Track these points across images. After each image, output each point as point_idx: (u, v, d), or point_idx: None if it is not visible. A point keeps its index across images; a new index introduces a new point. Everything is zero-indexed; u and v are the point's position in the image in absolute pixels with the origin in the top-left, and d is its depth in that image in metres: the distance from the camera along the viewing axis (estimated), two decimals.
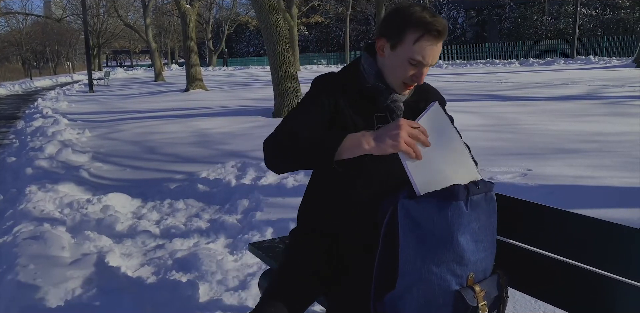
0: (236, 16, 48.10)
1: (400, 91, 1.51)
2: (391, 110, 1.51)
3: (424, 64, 1.44)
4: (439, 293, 1.25)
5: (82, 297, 2.56)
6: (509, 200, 1.58)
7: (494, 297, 1.34)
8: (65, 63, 60.57)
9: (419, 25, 1.40)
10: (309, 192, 1.67)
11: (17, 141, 8.55)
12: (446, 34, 1.43)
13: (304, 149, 1.34)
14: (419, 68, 1.45)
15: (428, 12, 1.42)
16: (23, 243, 3.20)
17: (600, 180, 4.13)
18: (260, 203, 4.04)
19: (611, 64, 20.91)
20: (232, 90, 17.67)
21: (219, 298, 2.65)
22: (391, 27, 1.45)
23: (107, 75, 27.57)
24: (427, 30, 1.40)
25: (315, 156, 1.32)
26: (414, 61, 1.43)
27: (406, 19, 1.41)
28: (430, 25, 1.39)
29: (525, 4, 34.54)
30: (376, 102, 1.52)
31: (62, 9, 49.26)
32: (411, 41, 1.42)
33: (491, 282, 1.34)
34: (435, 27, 1.40)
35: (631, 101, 9.05)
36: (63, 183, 4.96)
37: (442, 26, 1.41)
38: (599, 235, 1.35)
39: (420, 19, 1.40)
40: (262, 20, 8.90)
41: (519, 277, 1.54)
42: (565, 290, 1.42)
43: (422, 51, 1.42)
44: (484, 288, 1.29)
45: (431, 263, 1.24)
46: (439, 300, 1.25)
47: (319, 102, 1.50)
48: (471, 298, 1.25)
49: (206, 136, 7.80)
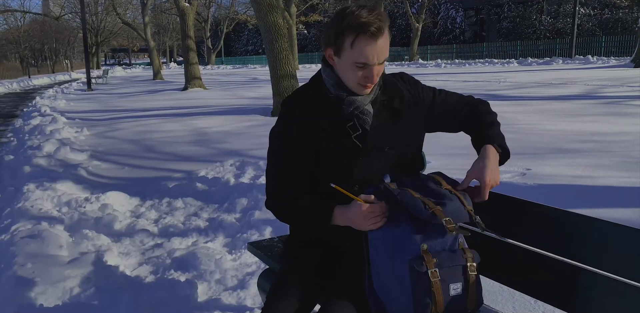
0: (235, 15, 48.04)
1: (362, 92, 1.51)
2: (357, 117, 1.52)
3: (371, 64, 1.42)
4: (397, 264, 1.36)
5: (80, 296, 2.56)
6: (508, 199, 1.58)
7: (453, 266, 1.36)
8: (64, 61, 60.49)
9: (351, 28, 1.38)
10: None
11: (15, 140, 8.53)
12: (384, 29, 1.39)
13: (302, 225, 1.62)
14: (368, 69, 1.43)
15: (365, 11, 1.38)
16: (21, 241, 3.19)
17: (598, 180, 4.14)
18: (259, 202, 4.03)
19: (609, 63, 20.93)
20: (231, 88, 17.66)
21: (217, 297, 2.65)
22: (330, 34, 1.44)
23: (105, 73, 27.56)
24: (360, 31, 1.37)
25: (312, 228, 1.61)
26: (359, 63, 1.42)
27: (340, 24, 1.40)
28: (363, 25, 1.36)
29: (524, 4, 34.54)
30: (343, 111, 1.52)
31: (61, 7, 49.14)
32: (349, 44, 1.40)
33: (450, 254, 1.37)
34: (367, 27, 1.36)
35: (630, 100, 9.06)
36: (61, 181, 4.95)
37: (376, 24, 1.36)
38: (598, 234, 1.34)
39: (352, 21, 1.37)
40: (261, 19, 8.89)
41: (517, 276, 1.54)
42: (564, 290, 1.42)
43: (362, 52, 1.39)
44: (437, 257, 1.34)
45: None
46: (397, 271, 1.36)
47: (290, 144, 1.53)
48: (420, 265, 1.32)
49: (205, 135, 7.79)
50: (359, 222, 1.43)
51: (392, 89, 1.57)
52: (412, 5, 36.37)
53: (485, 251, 1.44)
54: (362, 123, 1.52)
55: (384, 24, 1.39)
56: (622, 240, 1.29)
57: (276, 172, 1.58)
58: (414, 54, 33.58)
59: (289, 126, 1.54)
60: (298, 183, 1.55)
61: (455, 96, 1.67)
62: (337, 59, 1.47)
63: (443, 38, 39.70)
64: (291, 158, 1.54)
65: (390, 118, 1.56)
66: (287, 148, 1.54)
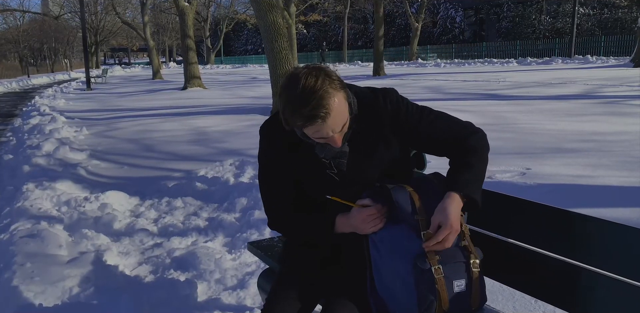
0: (234, 14, 47.98)
1: (328, 145, 1.47)
2: (334, 162, 1.51)
3: (328, 137, 1.39)
4: (400, 264, 1.36)
5: (79, 295, 2.56)
6: (508, 199, 1.57)
7: (456, 262, 1.36)
8: (63, 61, 60.47)
9: (293, 116, 1.34)
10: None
11: (14, 139, 8.52)
12: (330, 111, 1.32)
13: (309, 239, 1.61)
14: (328, 138, 1.40)
15: (303, 103, 1.31)
16: (20, 241, 3.18)
17: (598, 179, 4.14)
18: (259, 201, 4.02)
19: (609, 63, 20.93)
20: (230, 88, 17.66)
21: (217, 297, 2.64)
22: (280, 109, 1.38)
23: (104, 73, 27.54)
24: (305, 121, 1.33)
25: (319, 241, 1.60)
26: (316, 138, 1.41)
27: (284, 111, 1.35)
28: (303, 117, 1.32)
29: (524, 3, 34.53)
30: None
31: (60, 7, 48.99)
32: (296, 125, 1.37)
33: (452, 251, 1.37)
34: (308, 118, 1.31)
35: (629, 100, 9.06)
36: (60, 181, 4.95)
37: (314, 111, 1.30)
38: (598, 234, 1.34)
39: (291, 108, 1.33)
40: (261, 19, 8.88)
41: (518, 276, 1.54)
42: (564, 289, 1.42)
43: (315, 132, 1.37)
44: (439, 254, 1.34)
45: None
46: (401, 270, 1.36)
47: (271, 167, 1.58)
48: (423, 263, 1.32)
49: (204, 134, 7.79)
50: (361, 227, 1.45)
51: (368, 118, 1.49)
52: (412, 5, 36.34)
53: (485, 250, 1.44)
54: (338, 164, 1.52)
55: (327, 104, 1.31)
56: (623, 239, 1.29)
57: (267, 192, 1.63)
58: (413, 53, 33.56)
59: (267, 152, 1.59)
60: (289, 199, 1.59)
61: (445, 122, 1.52)
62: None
63: (442, 38, 39.69)
64: (276, 179, 1.59)
65: (368, 151, 1.52)
66: (270, 169, 1.59)
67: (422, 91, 12.52)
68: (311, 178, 1.56)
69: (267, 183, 1.62)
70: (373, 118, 1.49)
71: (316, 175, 1.54)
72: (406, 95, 1.59)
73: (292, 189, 1.58)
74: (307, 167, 1.54)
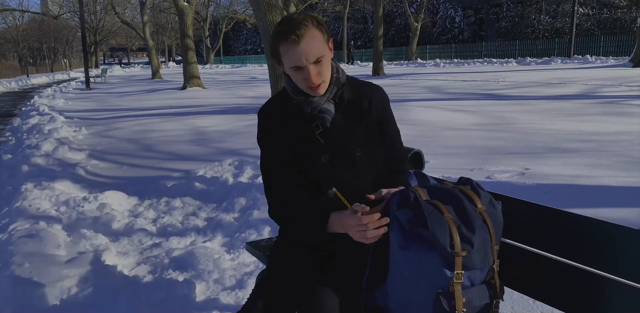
0: (234, 14, 47.96)
1: (314, 93, 1.58)
2: (317, 116, 1.61)
3: (303, 66, 1.50)
4: (421, 292, 1.29)
5: (77, 295, 2.55)
6: (506, 199, 1.57)
7: (480, 304, 1.32)
8: (62, 60, 60.47)
9: (274, 39, 1.50)
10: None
11: (13, 139, 8.51)
12: (305, 33, 1.47)
13: (300, 231, 1.60)
14: (304, 71, 1.51)
15: (285, 21, 1.50)
16: (19, 241, 3.18)
17: (597, 179, 4.14)
18: (258, 201, 4.02)
19: (608, 63, 20.93)
20: (230, 88, 17.65)
21: (215, 297, 2.64)
22: (269, 48, 1.54)
23: (104, 72, 27.50)
24: (281, 39, 1.48)
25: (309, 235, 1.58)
26: (295, 67, 1.51)
27: (269, 38, 1.48)
28: (280, 33, 1.48)
29: (523, 3, 34.55)
30: (305, 113, 1.62)
31: (59, 6, 48.97)
32: (280, 53, 1.52)
33: (479, 291, 1.32)
34: (284, 34, 1.47)
35: (628, 100, 9.07)
36: (59, 180, 4.94)
37: (289, 30, 1.46)
38: (596, 235, 1.34)
39: (274, 32, 1.50)
40: (260, 19, 8.87)
41: (516, 276, 1.53)
42: (563, 290, 1.41)
43: (291, 57, 1.50)
44: (467, 296, 1.28)
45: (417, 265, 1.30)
46: (420, 299, 1.30)
47: (271, 148, 1.65)
48: (449, 304, 1.26)
49: (203, 134, 7.79)
50: (351, 233, 1.41)
51: (360, 90, 1.66)
52: (411, 5, 36.36)
53: None
54: (322, 120, 1.61)
55: (302, 29, 1.46)
56: (621, 240, 1.29)
57: (268, 172, 1.66)
58: (412, 53, 33.57)
59: (265, 133, 1.67)
60: (289, 179, 1.61)
61: (397, 143, 1.72)
62: (284, 68, 1.57)
63: (442, 38, 39.70)
64: (275, 155, 1.64)
65: (356, 116, 1.63)
66: (270, 147, 1.65)
67: (422, 91, 12.50)
68: (302, 145, 1.60)
69: (267, 161, 1.66)
70: (363, 91, 1.66)
71: (306, 141, 1.60)
72: (406, 95, 1.61)
73: (292, 166, 1.61)
74: (298, 134, 1.61)
